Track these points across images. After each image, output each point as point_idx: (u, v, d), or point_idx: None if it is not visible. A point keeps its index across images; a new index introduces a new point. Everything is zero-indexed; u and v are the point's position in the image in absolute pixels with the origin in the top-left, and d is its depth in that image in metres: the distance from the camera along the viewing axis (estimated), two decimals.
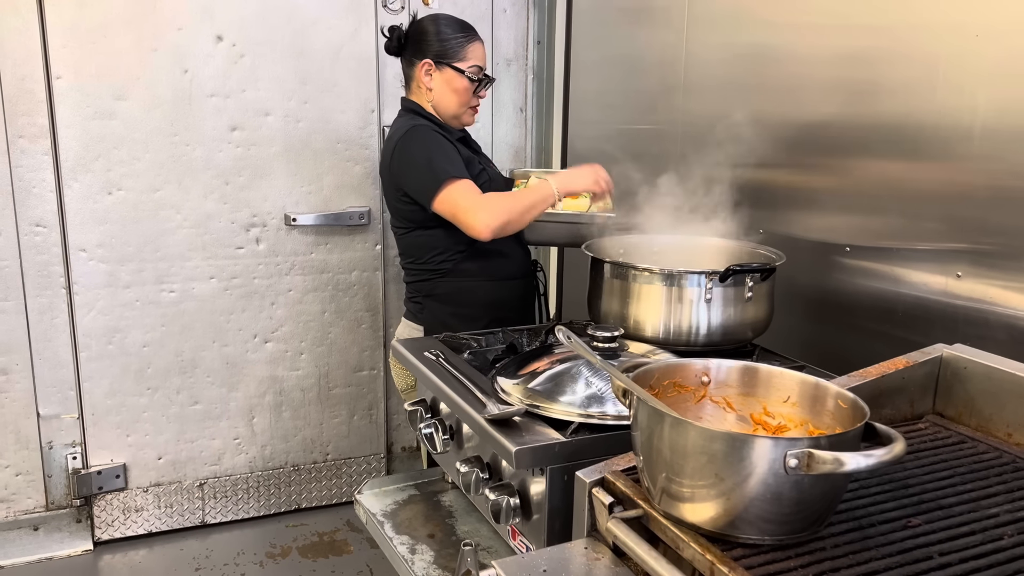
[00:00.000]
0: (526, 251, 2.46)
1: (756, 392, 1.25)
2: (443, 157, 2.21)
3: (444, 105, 2.31)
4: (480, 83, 2.30)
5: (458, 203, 2.14)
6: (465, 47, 2.27)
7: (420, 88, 2.33)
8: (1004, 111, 1.63)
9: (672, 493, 1.06)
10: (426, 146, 2.23)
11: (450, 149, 2.24)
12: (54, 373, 2.87)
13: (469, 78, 2.28)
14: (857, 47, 1.94)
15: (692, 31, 2.47)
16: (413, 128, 2.27)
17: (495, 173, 2.42)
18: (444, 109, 2.31)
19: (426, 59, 2.29)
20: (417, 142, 2.24)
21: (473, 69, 2.28)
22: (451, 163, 2.20)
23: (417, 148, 2.24)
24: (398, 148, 2.26)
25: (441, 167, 2.18)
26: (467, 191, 2.16)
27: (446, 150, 2.23)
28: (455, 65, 2.27)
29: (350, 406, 3.29)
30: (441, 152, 2.22)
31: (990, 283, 1.68)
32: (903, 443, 0.97)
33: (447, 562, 1.71)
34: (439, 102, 2.31)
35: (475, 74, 2.28)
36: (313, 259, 3.11)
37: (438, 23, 2.30)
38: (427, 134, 2.25)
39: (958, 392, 1.44)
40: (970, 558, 1.01)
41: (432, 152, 2.22)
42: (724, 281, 1.82)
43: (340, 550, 3.04)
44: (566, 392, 1.56)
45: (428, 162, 2.20)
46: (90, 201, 2.79)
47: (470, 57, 2.28)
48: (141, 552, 3.00)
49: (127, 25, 2.73)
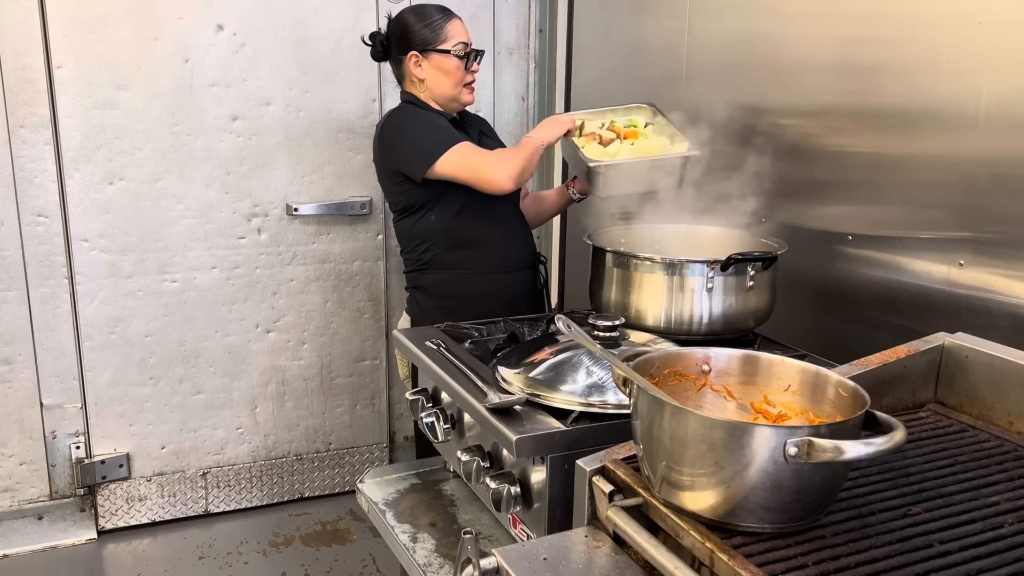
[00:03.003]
0: (523, 244, 2.45)
1: (757, 381, 1.24)
2: (435, 128, 2.26)
3: (440, 90, 2.32)
4: (467, 58, 2.31)
5: (473, 159, 2.20)
6: (444, 27, 2.29)
7: (414, 81, 2.35)
8: (1007, 99, 1.62)
9: (672, 481, 1.06)
10: (414, 121, 2.28)
11: (441, 121, 2.29)
12: (57, 363, 2.88)
13: (457, 56, 2.29)
14: (859, 34, 1.93)
15: (694, 18, 2.46)
16: (398, 108, 2.35)
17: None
18: (441, 93, 2.33)
19: (412, 51, 2.31)
20: (406, 117, 2.30)
21: (458, 47, 2.29)
22: (446, 132, 2.25)
23: (407, 122, 2.29)
24: (384, 128, 2.33)
25: (436, 136, 2.23)
26: (474, 149, 2.23)
27: (436, 122, 2.28)
28: (440, 48, 2.28)
29: (352, 396, 3.29)
30: (431, 124, 2.27)
31: (992, 272, 1.67)
32: (903, 431, 0.97)
33: (448, 550, 1.72)
34: (434, 88, 2.33)
35: (460, 51, 2.30)
36: (315, 249, 3.11)
37: (413, 15, 2.33)
38: (413, 111, 2.31)
39: (960, 381, 1.44)
40: (971, 546, 1.01)
41: (424, 123, 2.27)
42: (726, 270, 1.81)
43: (343, 539, 3.05)
44: (567, 381, 1.56)
45: (420, 133, 2.25)
46: (92, 191, 2.79)
47: (451, 36, 2.29)
48: (145, 541, 3.01)
49: (128, 14, 2.72)
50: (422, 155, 2.21)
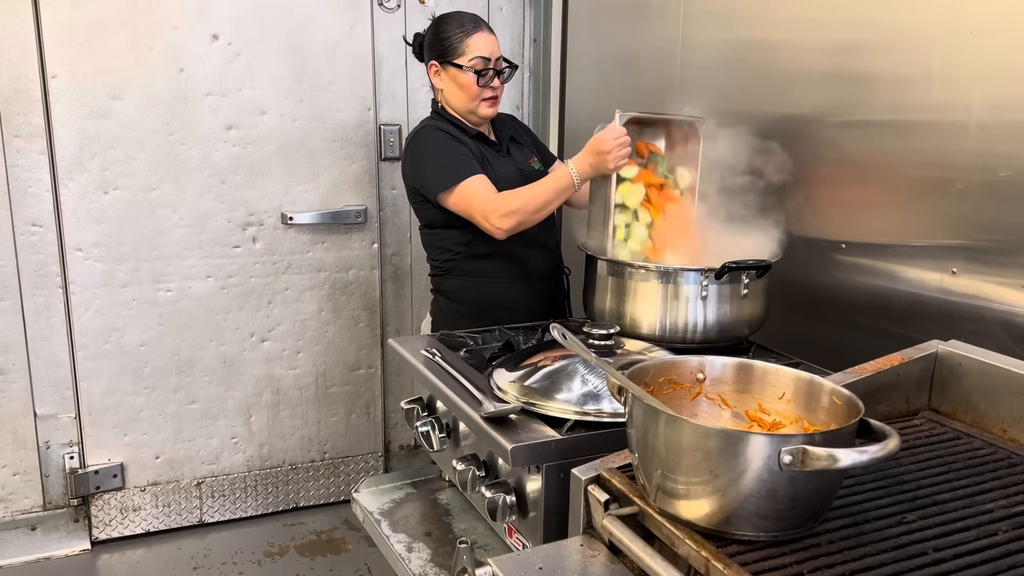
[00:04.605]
0: (546, 255, 2.40)
1: (751, 389, 1.25)
2: (448, 157, 2.22)
3: (455, 102, 2.32)
4: (481, 74, 2.25)
5: (470, 203, 2.16)
6: (463, 41, 2.25)
7: (436, 89, 2.36)
8: (999, 107, 1.63)
9: (667, 490, 1.06)
10: (431, 146, 2.26)
11: (457, 147, 2.24)
12: (51, 372, 2.87)
13: (472, 71, 2.25)
14: (852, 42, 1.95)
15: (687, 28, 2.47)
16: (420, 129, 2.33)
17: (507, 171, 2.31)
18: (456, 106, 2.32)
19: (432, 61, 2.31)
20: (423, 143, 2.28)
21: (475, 61, 2.25)
22: (457, 162, 2.20)
23: (424, 148, 2.28)
24: (408, 146, 2.33)
25: (447, 168, 2.19)
26: (477, 191, 2.15)
27: (451, 148, 2.23)
28: (455, 62, 2.26)
29: (348, 405, 3.29)
30: (445, 151, 2.23)
31: (985, 279, 1.68)
32: (897, 439, 0.98)
33: (444, 560, 1.71)
34: (450, 100, 2.33)
35: (477, 66, 2.25)
36: (310, 258, 3.11)
37: (443, 23, 2.31)
38: (431, 134, 2.28)
39: (953, 388, 1.44)
40: (965, 554, 1.01)
41: (437, 152, 2.24)
42: (720, 278, 1.82)
43: (338, 548, 3.04)
44: (562, 390, 1.56)
45: (434, 162, 2.23)
46: (86, 200, 2.79)
47: (470, 50, 2.25)
48: (139, 551, 3.00)
49: (123, 24, 2.72)
50: (434, 184, 2.21)
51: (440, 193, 2.19)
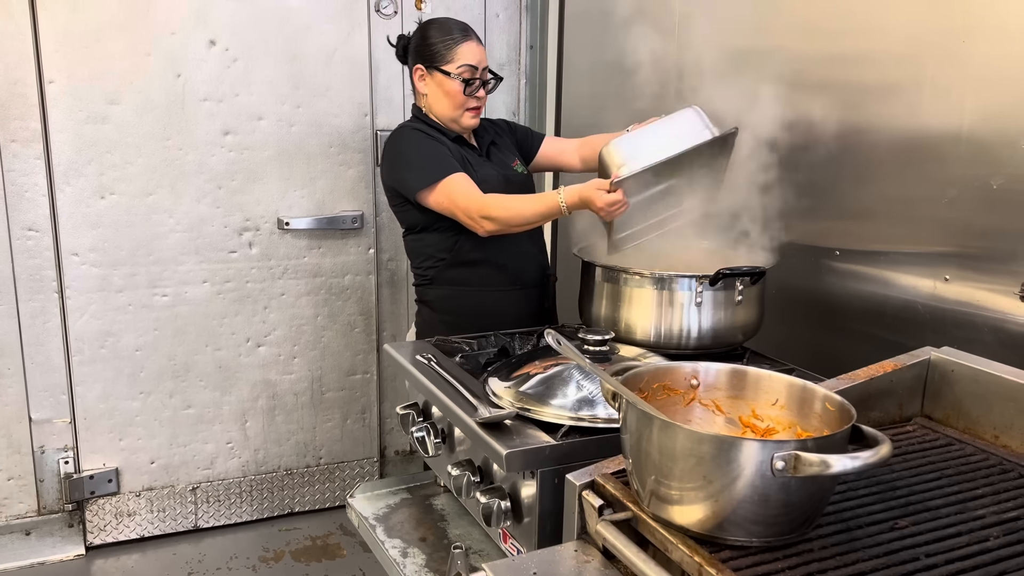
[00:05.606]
0: (531, 262, 2.38)
1: (745, 395, 1.25)
2: (427, 154, 2.21)
3: (438, 109, 2.30)
4: (468, 83, 2.24)
5: (454, 199, 2.14)
6: (452, 49, 2.24)
7: (418, 93, 2.34)
8: (990, 115, 1.64)
9: (661, 496, 1.07)
10: (409, 144, 2.26)
11: (436, 145, 2.23)
12: (46, 377, 2.87)
13: (459, 79, 2.24)
14: (846, 51, 1.96)
15: (684, 35, 2.48)
16: (398, 130, 2.33)
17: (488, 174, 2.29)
18: (439, 113, 2.30)
19: (417, 65, 2.30)
20: (401, 141, 2.28)
21: (462, 70, 2.23)
22: (437, 159, 2.20)
23: (402, 146, 2.27)
24: (386, 147, 2.32)
25: (427, 165, 2.19)
26: (459, 188, 2.14)
27: (430, 147, 2.23)
28: (442, 68, 2.25)
29: (343, 410, 3.29)
30: (424, 149, 2.23)
31: (977, 286, 1.69)
32: (889, 445, 0.98)
33: (439, 565, 1.72)
34: (433, 106, 2.31)
35: (464, 74, 2.24)
36: (306, 263, 3.11)
37: (431, 28, 2.29)
38: (409, 133, 2.28)
39: (946, 395, 1.45)
40: (956, 559, 1.01)
41: (416, 150, 2.23)
42: (714, 285, 1.83)
43: (333, 554, 3.04)
44: (557, 395, 1.56)
45: (413, 160, 2.22)
46: (83, 205, 2.79)
47: (458, 58, 2.24)
48: (134, 557, 2.99)
49: (120, 29, 2.73)
50: (414, 182, 2.19)
51: (420, 191, 2.18)
